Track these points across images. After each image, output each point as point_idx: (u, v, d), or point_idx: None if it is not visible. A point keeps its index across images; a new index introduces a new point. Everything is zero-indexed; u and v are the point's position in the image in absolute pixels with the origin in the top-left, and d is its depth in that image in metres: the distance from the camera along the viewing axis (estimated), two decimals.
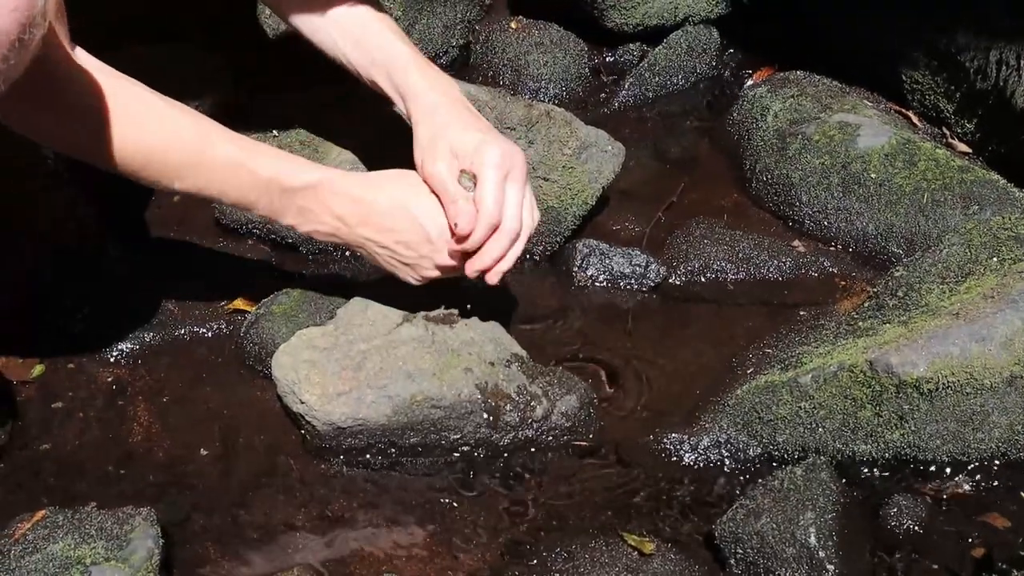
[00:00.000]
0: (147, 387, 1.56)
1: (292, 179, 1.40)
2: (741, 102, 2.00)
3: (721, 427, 1.48)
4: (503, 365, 1.50)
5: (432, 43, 2.14)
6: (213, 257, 1.77)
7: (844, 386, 1.42)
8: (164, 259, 1.74)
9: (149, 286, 1.67)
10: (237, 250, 1.78)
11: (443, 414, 1.45)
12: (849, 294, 1.68)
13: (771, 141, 1.88)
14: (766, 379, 1.48)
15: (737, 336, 1.63)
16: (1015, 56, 1.75)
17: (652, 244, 1.78)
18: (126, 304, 1.65)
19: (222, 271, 1.75)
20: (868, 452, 1.43)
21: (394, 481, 1.45)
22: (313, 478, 1.45)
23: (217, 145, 1.38)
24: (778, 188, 1.84)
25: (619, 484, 1.45)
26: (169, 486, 1.44)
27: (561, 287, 1.73)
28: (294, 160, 1.44)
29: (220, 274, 1.74)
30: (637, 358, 1.62)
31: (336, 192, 1.41)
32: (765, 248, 1.75)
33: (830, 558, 1.28)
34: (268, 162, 1.40)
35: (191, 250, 1.78)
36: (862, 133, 1.82)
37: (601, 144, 1.80)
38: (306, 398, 1.43)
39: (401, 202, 1.41)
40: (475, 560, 1.36)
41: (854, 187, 1.77)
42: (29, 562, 1.27)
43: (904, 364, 1.38)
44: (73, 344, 1.59)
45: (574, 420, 1.49)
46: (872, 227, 1.75)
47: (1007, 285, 1.44)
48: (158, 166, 1.35)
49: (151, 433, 1.50)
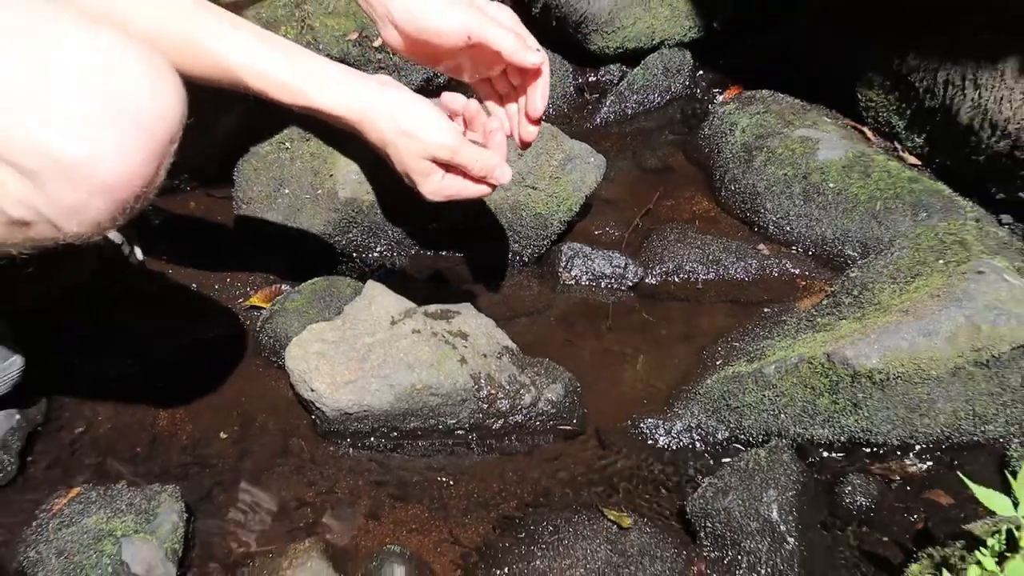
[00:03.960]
0: (172, 376, 1.56)
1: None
2: (712, 118, 2.00)
3: (692, 413, 1.48)
4: (495, 357, 1.50)
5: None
6: (231, 258, 1.77)
7: (804, 376, 1.42)
8: (186, 260, 1.74)
9: (173, 285, 1.67)
10: (253, 252, 1.78)
11: (440, 401, 1.45)
12: (809, 293, 1.68)
13: (739, 153, 1.88)
14: (733, 370, 1.48)
15: (707, 331, 1.63)
16: (960, 77, 1.75)
17: (630, 247, 1.78)
18: (152, 300, 1.65)
19: (239, 271, 1.74)
20: (825, 436, 1.44)
21: (396, 462, 1.45)
22: (322, 459, 1.45)
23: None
24: (745, 196, 1.84)
25: (600, 465, 1.45)
26: (192, 466, 1.44)
27: (548, 286, 1.73)
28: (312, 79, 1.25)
29: (238, 274, 1.74)
30: (617, 350, 1.61)
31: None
32: (733, 251, 1.75)
33: (790, 531, 1.28)
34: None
35: (211, 252, 1.78)
36: (821, 147, 1.82)
37: (584, 156, 1.80)
38: (316, 386, 1.44)
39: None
40: (469, 533, 1.36)
41: (814, 195, 1.77)
42: (65, 534, 1.28)
43: (858, 356, 1.38)
44: (105, 338, 1.59)
45: (559, 406, 1.49)
46: (830, 232, 1.75)
47: (952, 285, 1.44)
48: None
49: (176, 418, 1.50)
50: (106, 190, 1.01)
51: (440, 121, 1.25)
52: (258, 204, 1.77)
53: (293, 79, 1.22)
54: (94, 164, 0.99)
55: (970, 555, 1.15)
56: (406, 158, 1.28)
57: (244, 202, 1.78)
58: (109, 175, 1.00)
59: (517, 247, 1.76)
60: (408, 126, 1.25)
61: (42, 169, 0.99)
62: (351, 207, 1.73)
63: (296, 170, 1.77)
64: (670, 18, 2.13)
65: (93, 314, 1.61)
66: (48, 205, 1.01)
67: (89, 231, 1.04)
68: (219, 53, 1.20)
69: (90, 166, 0.99)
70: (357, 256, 1.77)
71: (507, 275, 1.73)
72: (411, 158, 1.27)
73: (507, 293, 1.71)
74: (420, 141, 1.25)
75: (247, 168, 1.80)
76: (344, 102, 1.24)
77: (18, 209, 1.01)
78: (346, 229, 1.75)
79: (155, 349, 1.59)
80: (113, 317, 1.61)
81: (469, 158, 1.26)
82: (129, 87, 1.01)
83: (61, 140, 0.98)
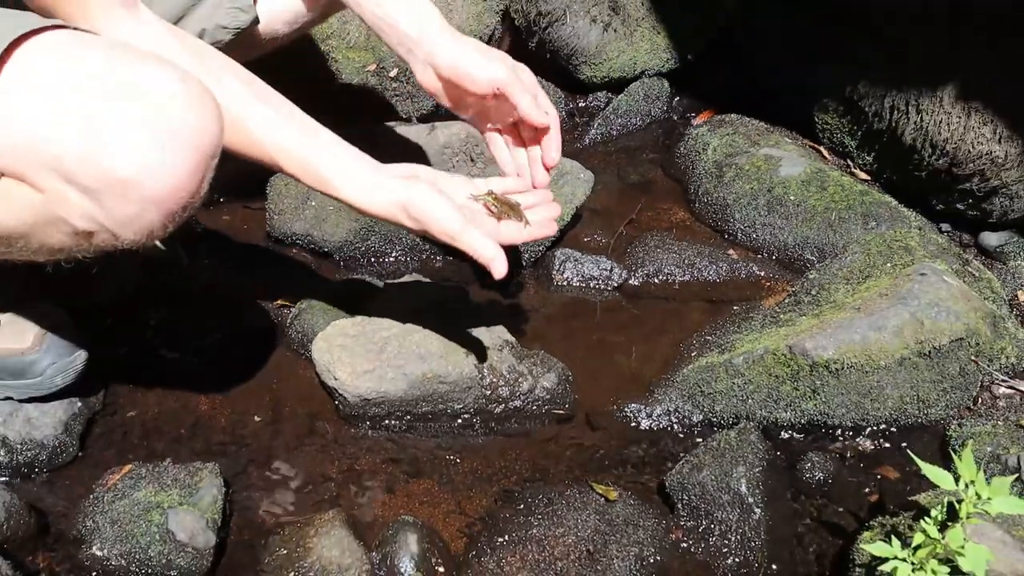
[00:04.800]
0: (212, 366, 1.55)
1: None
2: (687, 139, 2.00)
3: (671, 398, 1.48)
4: (496, 349, 1.49)
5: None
6: (264, 262, 1.76)
7: (768, 366, 1.42)
8: (225, 264, 1.73)
9: (214, 286, 1.67)
10: (283, 257, 1.78)
11: (448, 388, 1.45)
12: (773, 292, 1.67)
13: (711, 170, 1.88)
14: (706, 360, 1.48)
15: (683, 326, 1.63)
16: (904, 103, 1.75)
17: (616, 252, 1.78)
18: (195, 300, 1.64)
19: (272, 274, 1.74)
20: (788, 418, 1.43)
21: (409, 442, 1.45)
22: (344, 439, 1.45)
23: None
24: (716, 207, 1.83)
25: (589, 444, 1.44)
26: (230, 445, 1.44)
27: (543, 287, 1.72)
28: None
29: (270, 276, 1.73)
30: (604, 343, 1.61)
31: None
32: (706, 255, 1.74)
33: (757, 503, 1.28)
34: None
35: (246, 257, 1.77)
36: (783, 164, 1.82)
37: (575, 172, 1.80)
38: (339, 375, 1.43)
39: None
40: (474, 505, 1.35)
41: (777, 207, 1.77)
42: (119, 506, 1.28)
43: (816, 348, 1.38)
44: (154, 333, 1.59)
45: (553, 393, 1.48)
46: (791, 239, 1.74)
47: (898, 285, 1.44)
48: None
49: (215, 403, 1.50)
50: (156, 202, 1.02)
51: (445, 211, 1.23)
52: (288, 215, 1.77)
53: (326, 173, 1.24)
54: (145, 180, 1.00)
55: (916, 524, 1.15)
56: (421, 234, 1.28)
57: (276, 213, 1.78)
58: (158, 189, 1.01)
59: (515, 252, 1.75)
60: (416, 213, 1.23)
61: (100, 187, 1.00)
62: (370, 218, 1.70)
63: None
64: (650, 51, 2.12)
65: (144, 311, 1.61)
66: (108, 218, 1.03)
67: (143, 238, 1.06)
68: (263, 140, 1.22)
69: (141, 182, 1.00)
70: (375, 261, 1.76)
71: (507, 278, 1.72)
72: (425, 235, 1.27)
73: (507, 293, 1.70)
74: (427, 228, 1.24)
75: (278, 184, 1.80)
76: (365, 201, 1.25)
77: (83, 222, 1.04)
78: (365, 237, 1.74)
79: (197, 342, 1.58)
80: (161, 314, 1.61)
81: (468, 245, 1.23)
82: (172, 109, 1.01)
83: (115, 160, 0.99)
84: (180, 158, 1.01)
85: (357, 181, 1.25)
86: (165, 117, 1.00)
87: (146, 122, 0.99)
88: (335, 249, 1.75)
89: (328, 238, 1.74)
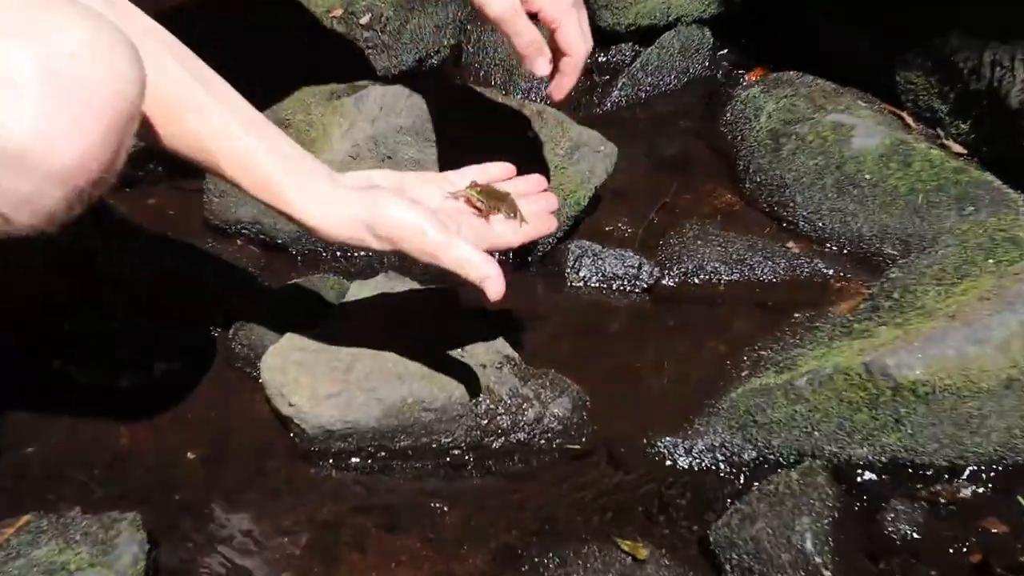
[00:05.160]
0: (133, 388, 1.54)
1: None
2: (734, 102, 2.00)
3: (715, 430, 1.47)
4: (494, 367, 1.49)
5: (423, 43, 2.13)
6: (201, 258, 1.76)
7: (840, 389, 1.41)
8: (151, 260, 1.73)
9: (135, 286, 1.66)
10: (226, 251, 1.77)
11: (434, 417, 1.44)
12: (844, 296, 1.67)
13: (764, 141, 1.88)
14: (761, 382, 1.47)
15: (731, 338, 1.62)
16: (1008, 57, 1.74)
17: (645, 245, 1.78)
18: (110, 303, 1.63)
19: (210, 272, 1.73)
20: (864, 456, 1.42)
21: (384, 485, 1.44)
22: (302, 482, 1.44)
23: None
24: (772, 189, 1.84)
25: (612, 488, 1.44)
26: (155, 490, 1.42)
27: (553, 288, 1.73)
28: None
29: (209, 275, 1.72)
30: (630, 360, 1.61)
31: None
32: (759, 249, 1.74)
33: (826, 564, 1.27)
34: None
35: (179, 251, 1.77)
36: (856, 134, 1.81)
37: (593, 144, 1.80)
38: (295, 400, 1.42)
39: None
40: (466, 566, 1.34)
41: (848, 188, 1.77)
42: (12, 567, 1.25)
43: (900, 367, 1.37)
44: (61, 347, 1.58)
45: (566, 423, 1.48)
46: (867, 228, 1.74)
47: (1003, 287, 1.44)
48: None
49: (137, 436, 1.49)
50: (58, 177, 1.00)
51: (421, 223, 1.24)
52: (232, 197, 1.76)
53: (278, 182, 1.25)
54: (41, 149, 0.98)
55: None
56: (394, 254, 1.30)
57: (216, 195, 1.78)
58: (60, 160, 0.99)
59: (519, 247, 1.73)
60: (386, 231, 1.25)
61: None
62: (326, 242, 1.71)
63: None
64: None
65: (47, 321, 1.60)
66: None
67: (43, 223, 1.04)
68: (198, 132, 1.22)
69: (37, 151, 0.98)
70: (341, 255, 1.77)
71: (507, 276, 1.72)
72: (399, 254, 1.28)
73: (508, 296, 1.67)
74: (401, 247, 1.26)
75: None
76: (325, 221, 1.26)
77: None
78: None
79: (115, 360, 1.57)
80: (65, 322, 1.60)
81: (456, 262, 1.24)
82: (81, 59, 0.99)
83: (4, 124, 0.97)
84: (88, 120, 1.00)
85: (317, 195, 1.26)
86: (70, 67, 0.98)
87: (44, 73, 0.97)
88: (291, 240, 1.76)
89: (282, 226, 1.74)
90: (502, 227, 1.34)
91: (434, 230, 1.24)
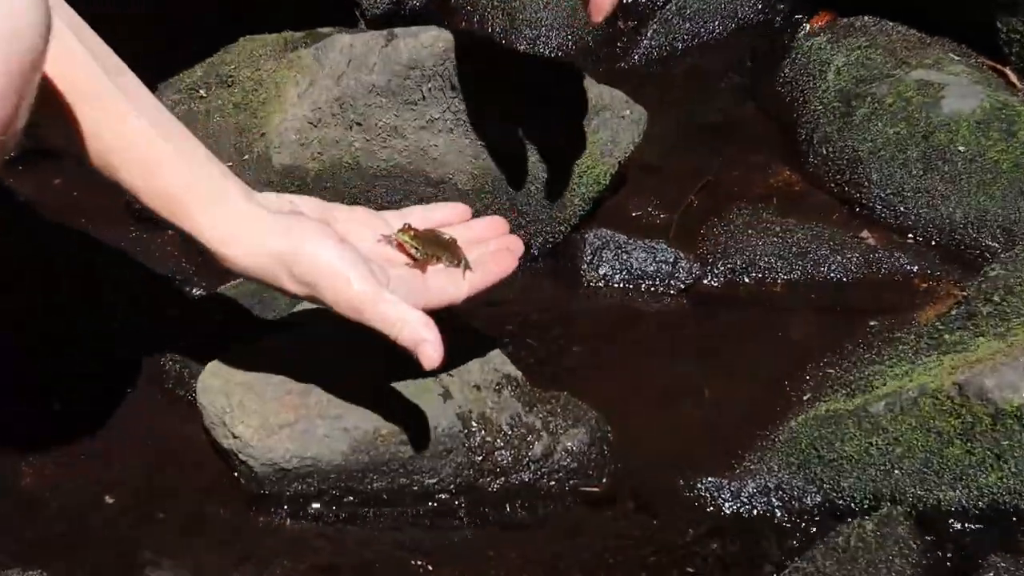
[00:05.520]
0: (37, 414, 1.54)
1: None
2: (794, 55, 2.01)
3: (770, 469, 1.48)
4: (492, 389, 1.49)
5: None
6: (122, 250, 1.76)
7: (926, 416, 1.41)
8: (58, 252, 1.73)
9: (39, 285, 1.67)
10: (153, 244, 1.78)
11: (415, 452, 1.44)
12: (932, 299, 1.68)
13: (832, 104, 1.89)
14: (827, 407, 1.48)
15: (790, 352, 1.64)
16: None
17: (682, 235, 1.79)
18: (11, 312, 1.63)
19: (133, 271, 1.74)
20: (957, 500, 1.42)
21: (352, 537, 1.44)
22: (249, 533, 1.44)
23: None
24: (841, 164, 1.85)
25: (640, 541, 1.43)
26: (65, 543, 1.42)
27: (566, 289, 1.74)
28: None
29: (132, 274, 1.73)
30: (662, 380, 1.62)
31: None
32: (825, 240, 1.76)
33: None
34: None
35: (95, 243, 1.77)
36: (947, 95, 1.82)
37: (617, 107, 1.80)
38: (240, 431, 1.42)
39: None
40: None
41: (937, 163, 1.78)
42: None
43: (1002, 388, 1.37)
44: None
45: (582, 460, 1.48)
46: (960, 214, 1.75)
47: None
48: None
49: (43, 474, 1.49)
50: None
51: (348, 268, 1.27)
52: None
53: (184, 193, 1.27)
54: None
55: None
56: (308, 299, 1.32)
57: None
58: None
59: (523, 234, 1.74)
60: (305, 272, 1.27)
61: None
62: (291, 178, 1.73)
63: (214, 127, 1.78)
64: None
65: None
66: None
67: None
68: (97, 122, 1.23)
69: None
70: None
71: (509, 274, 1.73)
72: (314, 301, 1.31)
73: (509, 299, 1.70)
74: (320, 295, 1.28)
75: None
76: (236, 249, 1.28)
77: None
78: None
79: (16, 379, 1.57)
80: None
81: (383, 320, 1.27)
82: None
83: None
84: None
85: (230, 216, 1.28)
86: None
87: None
88: None
89: None
90: (441, 280, 1.37)
91: (361, 280, 1.26)
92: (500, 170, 1.74)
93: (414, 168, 1.74)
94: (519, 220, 1.76)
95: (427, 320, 1.27)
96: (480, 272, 1.39)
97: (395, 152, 1.74)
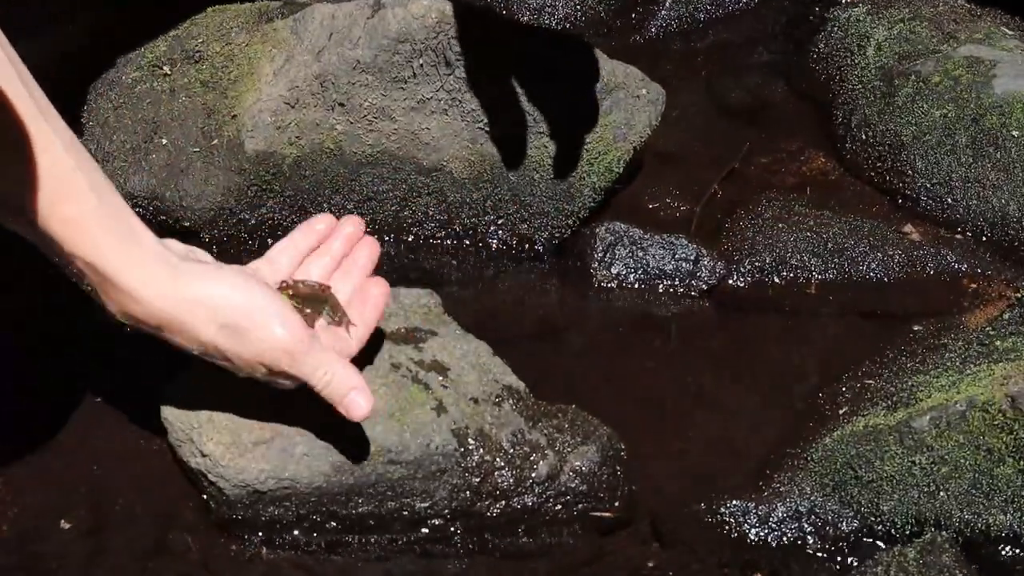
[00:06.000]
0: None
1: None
2: (830, 28, 2.03)
3: (802, 490, 1.48)
4: (491, 403, 1.49)
5: None
6: None
7: (975, 432, 1.42)
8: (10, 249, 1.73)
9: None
10: None
11: (406, 472, 1.44)
12: (982, 301, 1.69)
13: (872, 83, 1.90)
14: (865, 422, 1.49)
15: (824, 360, 1.64)
16: None
17: (704, 230, 1.80)
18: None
19: None
20: (1009, 525, 1.43)
21: (335, 567, 1.44)
22: (220, 562, 1.44)
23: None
24: (882, 150, 1.85)
25: (656, 572, 1.44)
26: (17, 572, 1.42)
27: (574, 290, 1.75)
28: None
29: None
30: (682, 392, 1.62)
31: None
32: (864, 236, 1.76)
33: None
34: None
35: None
36: (1000, 73, 1.83)
37: (632, 86, 1.80)
38: (209, 449, 1.42)
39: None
40: None
41: (988, 149, 1.78)
42: None
43: None
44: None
45: (593, 481, 1.48)
46: (1015, 206, 1.76)
47: None
48: None
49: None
50: None
51: (282, 313, 1.31)
52: (120, 161, 1.78)
53: (94, 229, 1.25)
54: None
55: None
56: (236, 360, 1.33)
57: (100, 157, 1.78)
58: None
59: (527, 229, 1.77)
60: (232, 317, 1.29)
61: None
62: (265, 166, 1.74)
63: (180, 108, 1.78)
64: None
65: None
66: None
67: None
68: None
69: None
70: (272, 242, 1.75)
71: (511, 273, 1.73)
72: (241, 360, 1.33)
73: (511, 301, 1.71)
74: (247, 348, 1.31)
75: (103, 106, 1.81)
76: (157, 291, 1.28)
77: None
78: (257, 201, 1.77)
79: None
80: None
81: (319, 375, 1.31)
82: None
83: None
84: None
85: (145, 256, 1.28)
86: None
87: None
88: (202, 221, 1.78)
89: (191, 203, 1.76)
90: (330, 338, 1.38)
91: (295, 325, 1.30)
92: (500, 156, 1.74)
93: (404, 154, 1.75)
94: (521, 213, 1.77)
95: (355, 368, 1.32)
96: (362, 326, 1.41)
97: (382, 136, 1.74)
